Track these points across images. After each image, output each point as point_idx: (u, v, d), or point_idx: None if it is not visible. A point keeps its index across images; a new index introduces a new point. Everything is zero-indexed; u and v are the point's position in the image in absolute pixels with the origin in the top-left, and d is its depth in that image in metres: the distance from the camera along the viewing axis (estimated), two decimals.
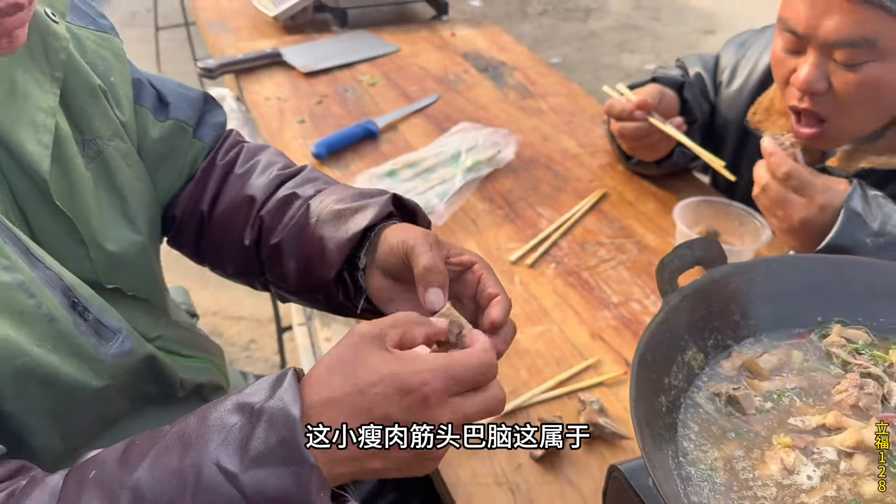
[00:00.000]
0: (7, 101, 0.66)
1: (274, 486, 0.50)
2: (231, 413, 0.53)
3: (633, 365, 0.63)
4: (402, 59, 1.79)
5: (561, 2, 5.11)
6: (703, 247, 0.75)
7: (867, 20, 0.93)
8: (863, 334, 0.75)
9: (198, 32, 3.61)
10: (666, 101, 1.24)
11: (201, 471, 0.50)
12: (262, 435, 0.51)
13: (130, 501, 0.51)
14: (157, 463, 0.52)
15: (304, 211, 0.81)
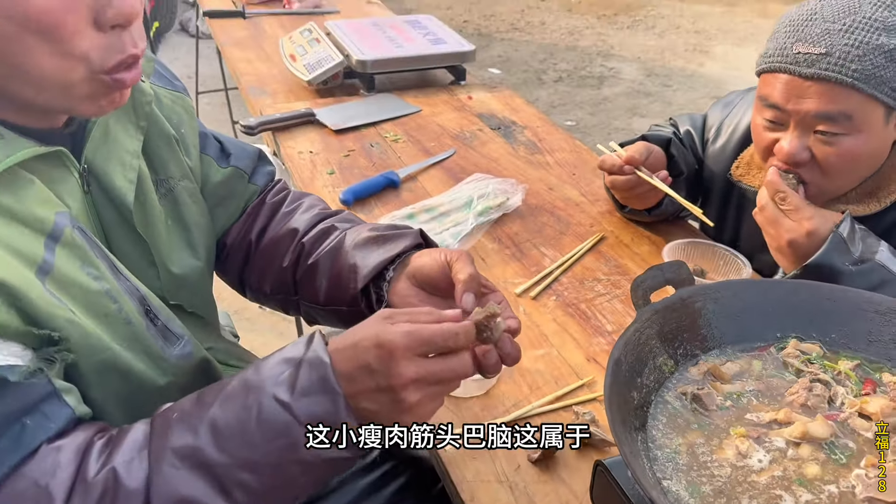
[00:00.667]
0: (102, 143, 0.82)
1: (317, 409, 0.67)
2: (279, 364, 0.70)
3: (608, 361, 0.75)
4: (422, 118, 1.97)
5: (576, 70, 5.36)
6: (673, 269, 0.88)
7: (842, 98, 1.06)
8: (816, 348, 0.87)
9: (235, 96, 3.87)
10: (654, 157, 1.38)
11: (262, 404, 0.67)
12: (305, 375, 0.68)
13: (208, 431, 0.67)
14: (226, 403, 0.68)
15: (341, 238, 0.99)
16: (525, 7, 6.91)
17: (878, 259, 1.05)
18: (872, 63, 1.05)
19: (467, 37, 5.88)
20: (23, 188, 0.70)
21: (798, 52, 1.09)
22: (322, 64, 2.03)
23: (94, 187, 0.82)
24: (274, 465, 0.68)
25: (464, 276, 0.83)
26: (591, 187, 1.65)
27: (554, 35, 6.15)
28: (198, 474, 0.66)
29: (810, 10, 1.12)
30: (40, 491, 0.63)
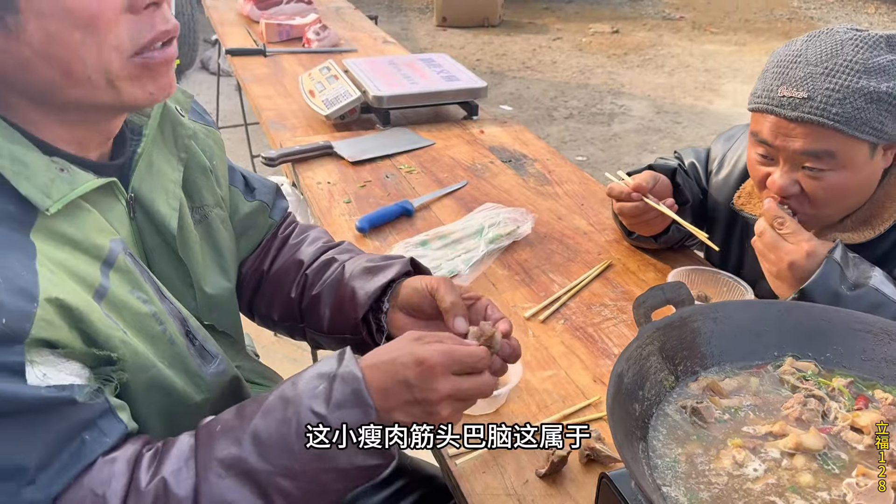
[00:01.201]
0: (147, 173, 0.89)
1: (350, 420, 0.73)
2: (314, 378, 0.76)
3: (612, 374, 0.79)
4: (436, 151, 2.04)
5: (586, 107, 5.46)
6: (674, 290, 0.92)
7: (825, 139, 1.12)
8: (811, 366, 0.91)
9: (254, 131, 3.98)
10: (660, 185, 1.44)
11: (300, 416, 0.73)
12: (339, 388, 0.74)
13: (251, 442, 0.72)
14: (267, 416, 0.74)
15: (341, 270, 1.07)
16: (537, 46, 7.07)
17: (873, 284, 1.09)
18: (853, 106, 1.10)
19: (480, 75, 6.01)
20: (82, 218, 0.77)
21: (783, 96, 1.15)
22: (340, 99, 2.12)
23: (140, 214, 0.89)
24: (311, 473, 0.74)
25: (446, 304, 0.91)
26: (598, 217, 1.71)
27: (565, 73, 6.27)
28: (242, 482, 0.72)
29: (796, 51, 1.18)
30: (98, 499, 0.68)
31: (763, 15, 8.35)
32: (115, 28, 0.72)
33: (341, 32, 3.17)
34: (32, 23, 0.68)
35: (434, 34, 7.46)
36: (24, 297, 0.66)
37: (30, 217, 0.72)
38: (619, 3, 8.89)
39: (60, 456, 0.68)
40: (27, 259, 0.69)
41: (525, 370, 1.20)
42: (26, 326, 0.65)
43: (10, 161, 0.71)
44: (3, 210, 0.70)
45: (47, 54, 0.70)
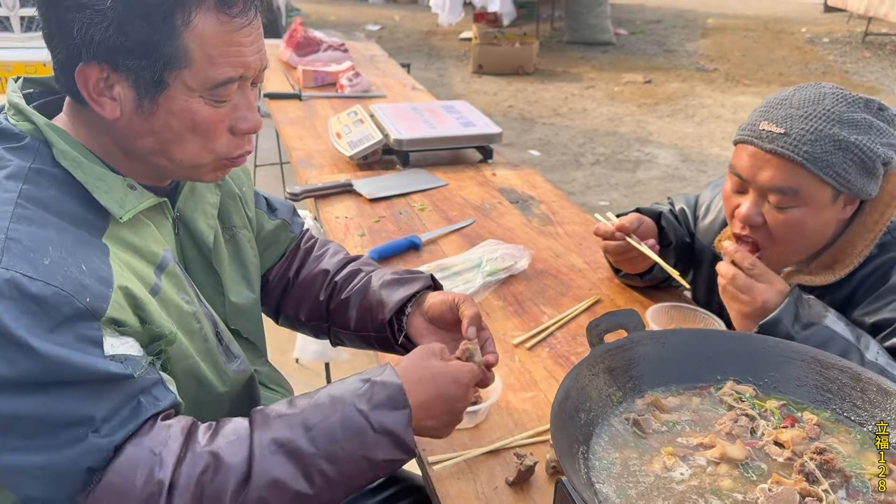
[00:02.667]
0: (190, 196, 1.08)
1: (387, 420, 0.89)
2: (358, 381, 0.93)
3: (560, 385, 0.91)
4: (448, 191, 2.19)
5: (613, 154, 5.59)
6: (626, 316, 1.03)
7: (793, 175, 1.23)
8: (750, 389, 1.01)
9: (288, 169, 4.20)
10: (644, 227, 1.55)
11: (346, 410, 0.89)
12: (380, 392, 0.90)
13: (301, 428, 0.87)
14: (316, 408, 0.90)
15: (368, 279, 1.26)
16: (569, 94, 7.26)
17: (825, 323, 1.18)
18: (822, 148, 1.21)
19: (511, 121, 6.25)
20: (142, 229, 0.95)
21: (763, 129, 1.27)
22: (363, 142, 2.29)
23: (183, 230, 1.07)
24: (349, 459, 0.88)
25: (469, 314, 1.10)
26: (594, 257, 1.82)
27: (595, 121, 6.43)
28: (290, 461, 0.86)
29: (785, 96, 1.31)
30: (154, 457, 0.82)
31: (797, 68, 8.42)
32: (216, 140, 0.94)
33: (373, 79, 3.38)
34: (162, 114, 0.89)
35: (469, 81, 7.72)
36: (102, 283, 0.83)
37: (103, 224, 0.89)
38: (654, 53, 9.06)
39: (121, 412, 0.82)
40: (103, 255, 0.86)
41: (507, 391, 1.31)
42: (104, 306, 0.81)
43: (94, 178, 0.89)
44: (83, 217, 0.88)
45: (161, 136, 0.91)
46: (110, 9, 0.82)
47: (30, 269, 0.78)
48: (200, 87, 0.89)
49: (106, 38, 0.83)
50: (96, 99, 0.88)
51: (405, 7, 12.23)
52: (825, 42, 9.78)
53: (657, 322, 1.44)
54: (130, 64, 0.85)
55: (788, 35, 10.24)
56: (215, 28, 0.87)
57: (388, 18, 11.08)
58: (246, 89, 0.95)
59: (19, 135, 0.89)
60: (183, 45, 0.86)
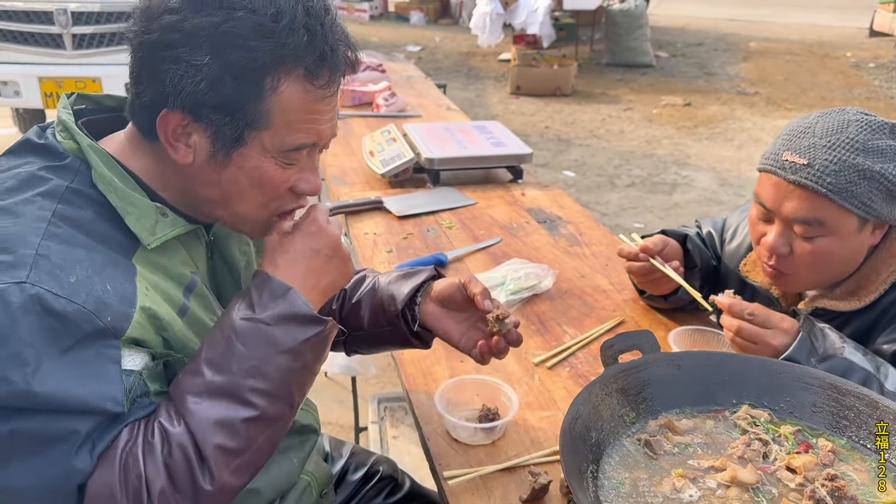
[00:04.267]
0: None
1: (278, 309, 0.92)
2: (234, 301, 0.95)
3: (571, 404, 0.92)
4: (477, 210, 2.21)
5: (649, 176, 5.56)
6: (641, 337, 1.04)
7: (817, 205, 1.22)
8: (765, 414, 1.00)
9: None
10: (669, 249, 1.55)
11: (235, 328, 0.91)
12: (255, 293, 0.94)
13: (207, 367, 0.89)
14: (210, 343, 0.91)
15: (375, 281, 1.31)
16: (606, 116, 7.25)
17: (844, 354, 1.16)
18: (846, 179, 1.20)
19: (547, 141, 6.26)
20: (174, 253, 0.98)
21: (786, 160, 1.26)
22: (395, 160, 2.33)
23: (216, 255, 1.10)
24: (270, 362, 0.89)
25: (478, 289, 1.16)
26: (620, 278, 1.82)
27: (632, 143, 6.40)
28: (216, 398, 0.87)
29: (808, 124, 1.29)
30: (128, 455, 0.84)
31: (841, 93, 8.27)
32: (277, 199, 0.99)
33: (409, 99, 3.44)
34: (232, 169, 0.94)
35: (506, 102, 7.77)
36: (125, 303, 0.86)
37: (133, 245, 0.93)
38: (694, 76, 9.00)
39: (103, 424, 0.84)
40: (129, 276, 0.89)
41: (525, 409, 1.32)
42: (124, 326, 0.85)
43: (126, 202, 0.93)
44: (114, 238, 0.91)
45: (225, 188, 0.96)
46: (206, 66, 0.86)
47: (55, 286, 0.81)
48: (275, 149, 0.93)
49: (196, 91, 0.87)
50: (173, 143, 0.92)
51: (446, 28, 12.38)
52: (870, 67, 9.59)
53: (679, 345, 1.44)
54: (214, 118, 0.90)
55: (832, 59, 10.07)
56: (300, 96, 0.92)
57: (428, 39, 11.23)
58: (314, 154, 1.00)
59: (63, 153, 0.93)
60: (267, 108, 0.90)
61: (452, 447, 1.23)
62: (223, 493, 0.87)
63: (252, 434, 0.88)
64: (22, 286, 0.79)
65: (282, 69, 0.89)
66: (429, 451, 1.23)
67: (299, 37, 0.89)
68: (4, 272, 0.80)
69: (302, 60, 0.90)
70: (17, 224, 0.85)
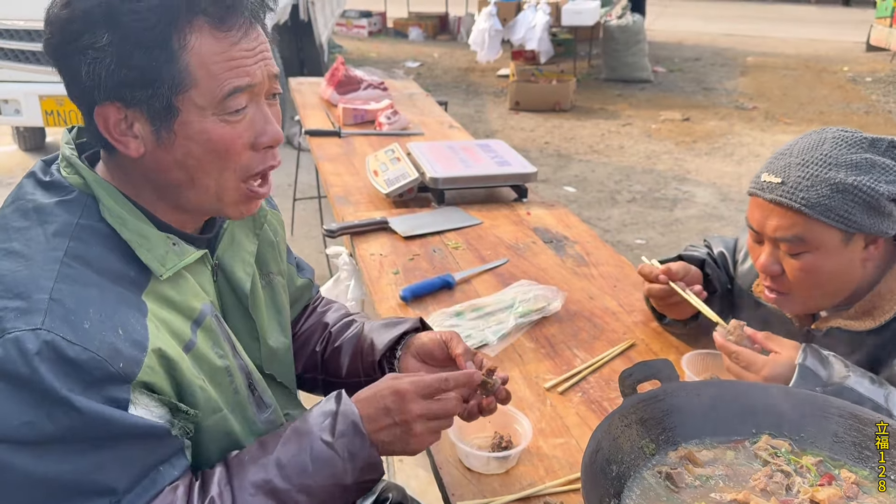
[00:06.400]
0: (229, 245, 1.11)
1: (351, 446, 0.93)
2: (319, 415, 0.95)
3: (591, 437, 0.90)
4: (483, 230, 2.20)
5: (650, 192, 5.56)
6: (660, 366, 1.03)
7: (795, 222, 1.23)
8: (786, 444, 0.99)
9: (327, 204, 4.27)
10: (691, 276, 1.54)
11: (313, 445, 0.92)
12: (342, 421, 0.93)
13: (275, 467, 0.91)
14: (286, 446, 0.93)
15: (360, 327, 1.30)
16: (606, 131, 7.26)
17: (847, 384, 1.15)
18: (818, 193, 1.21)
19: (547, 157, 6.27)
20: (182, 284, 0.97)
21: (764, 180, 1.29)
22: (399, 179, 2.32)
23: (221, 278, 1.09)
24: (322, 488, 0.92)
25: (460, 350, 1.14)
26: (629, 299, 1.81)
27: (632, 158, 6.41)
28: (269, 499, 0.91)
29: (788, 146, 1.32)
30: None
31: (839, 108, 8.31)
32: (238, 158, 0.95)
33: (411, 117, 3.44)
34: (181, 141, 0.91)
35: (506, 117, 7.78)
36: (137, 348, 0.85)
37: (144, 280, 0.92)
38: (692, 91, 9.04)
39: (142, 483, 0.85)
40: (141, 317, 0.88)
41: (538, 436, 1.30)
42: (136, 370, 0.84)
43: (137, 236, 0.92)
44: (125, 274, 0.90)
45: (183, 164, 0.93)
46: (108, 44, 0.85)
47: (70, 332, 0.81)
48: (210, 104, 0.90)
49: (110, 73, 0.86)
50: (119, 139, 0.91)
51: (444, 44, 12.44)
52: (867, 81, 9.64)
53: (693, 369, 1.42)
54: (139, 95, 0.88)
55: (830, 74, 10.12)
56: (213, 45, 0.89)
57: (427, 55, 11.28)
58: (260, 102, 0.96)
59: (68, 188, 0.93)
60: (184, 67, 0.88)
61: (465, 476, 1.21)
62: None
63: None
64: (37, 332, 0.79)
65: (182, 23, 0.87)
66: (441, 480, 1.21)
67: None
68: (20, 318, 0.80)
69: (197, 7, 0.87)
70: (30, 268, 0.85)
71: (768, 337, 1.25)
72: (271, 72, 0.96)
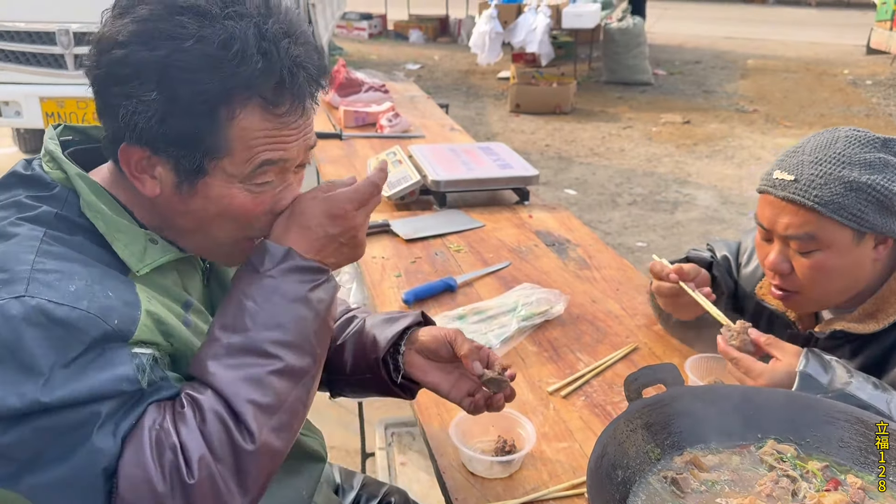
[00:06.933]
0: None
1: (281, 264, 0.91)
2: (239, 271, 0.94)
3: (596, 442, 0.90)
4: (485, 232, 2.20)
5: (651, 194, 5.56)
6: (665, 371, 1.02)
7: (807, 220, 1.23)
8: (791, 449, 0.98)
9: None
10: (701, 277, 1.53)
11: (245, 290, 0.90)
12: (258, 257, 0.92)
13: (224, 331, 0.88)
14: (223, 311, 0.91)
15: (362, 323, 1.26)
16: (606, 134, 7.26)
17: (849, 390, 1.14)
18: (831, 191, 1.22)
19: (547, 160, 6.27)
20: (167, 275, 0.96)
21: (776, 178, 1.29)
22: (401, 182, 2.32)
23: (213, 282, 1.08)
24: (280, 314, 0.88)
25: (464, 350, 1.11)
26: (632, 303, 1.80)
27: (632, 161, 6.41)
28: (238, 357, 0.85)
29: (800, 144, 1.32)
30: (159, 430, 0.81)
31: (840, 110, 8.31)
32: (255, 223, 0.95)
33: (412, 119, 3.43)
34: (199, 199, 0.91)
35: (506, 120, 7.78)
36: (130, 307, 0.84)
37: (127, 270, 0.90)
38: (693, 94, 9.04)
39: (125, 405, 0.81)
40: (129, 286, 0.87)
41: (541, 440, 1.30)
42: (132, 329, 0.82)
43: (114, 230, 0.91)
44: (108, 261, 0.89)
45: (196, 217, 0.93)
46: (155, 101, 0.84)
47: (55, 295, 0.78)
48: (239, 174, 0.90)
49: (149, 126, 0.85)
50: (137, 176, 0.90)
51: (444, 47, 12.45)
52: (868, 84, 9.65)
53: (696, 373, 1.42)
54: (172, 151, 0.87)
55: (830, 77, 10.13)
56: (259, 124, 0.88)
57: (427, 58, 11.28)
58: (287, 173, 0.95)
59: (50, 184, 0.91)
60: (225, 137, 0.87)
61: (469, 480, 1.21)
62: (265, 456, 0.84)
63: (281, 388, 0.86)
64: (21, 300, 0.77)
65: (236, 99, 0.86)
66: (444, 485, 1.21)
67: (252, 64, 0.85)
68: (1, 289, 0.78)
69: (256, 89, 0.86)
70: (9, 245, 0.83)
71: (770, 342, 1.25)
72: (308, 145, 0.96)
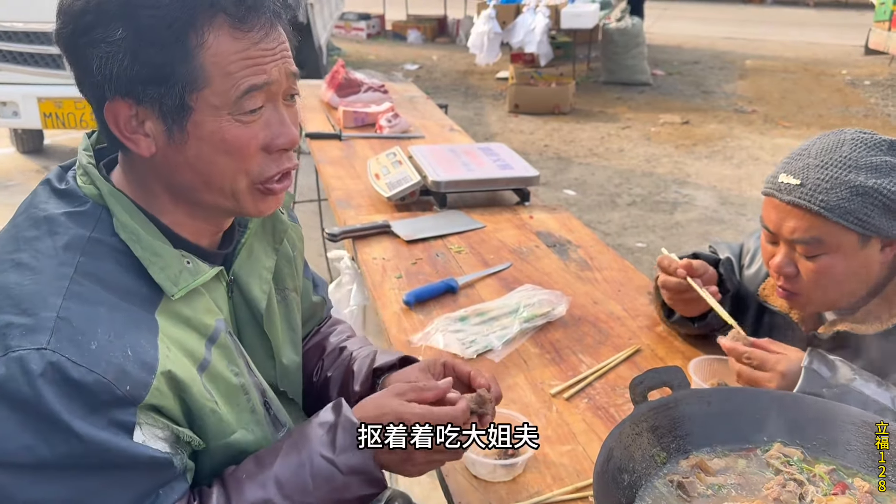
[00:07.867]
0: (246, 260, 1.08)
1: (353, 461, 0.90)
2: (318, 427, 0.93)
3: (602, 446, 0.89)
4: (486, 233, 2.19)
5: (650, 195, 5.56)
6: (670, 373, 1.02)
7: (814, 224, 1.22)
8: (797, 452, 0.98)
9: (327, 207, 4.25)
10: (709, 275, 1.53)
11: (313, 460, 0.89)
12: (342, 435, 0.89)
13: (274, 485, 0.88)
14: (283, 461, 0.90)
15: (349, 360, 1.26)
16: (605, 134, 7.26)
17: (854, 386, 1.13)
18: (838, 195, 1.21)
19: (546, 160, 6.26)
20: (197, 301, 0.94)
21: (781, 182, 1.28)
22: (401, 183, 2.31)
23: (237, 294, 1.07)
24: (323, 502, 0.90)
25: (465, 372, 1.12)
26: (633, 304, 1.80)
27: (631, 161, 6.41)
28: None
29: (805, 147, 1.31)
30: None
31: (838, 111, 8.31)
32: (251, 160, 0.92)
33: (412, 120, 3.43)
34: (193, 141, 0.89)
35: (505, 120, 7.78)
36: (145, 370, 0.83)
37: (157, 298, 0.90)
38: (692, 94, 9.04)
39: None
40: (151, 336, 0.86)
41: (544, 443, 1.29)
42: (143, 393, 0.82)
43: (151, 253, 0.90)
44: (137, 291, 0.88)
45: (196, 165, 0.90)
46: (122, 39, 0.83)
47: (76, 353, 0.79)
48: (225, 104, 0.87)
49: (123, 69, 0.84)
50: (129, 136, 0.88)
51: (443, 47, 12.44)
52: (866, 84, 9.66)
53: (700, 375, 1.41)
54: (151, 92, 0.85)
55: (829, 77, 10.14)
56: (231, 44, 0.86)
57: (426, 58, 11.27)
58: (277, 103, 0.93)
59: (82, 198, 0.90)
60: (199, 65, 0.85)
61: (472, 484, 1.20)
62: None
63: None
64: (42, 353, 0.77)
65: (200, 20, 0.84)
66: (447, 488, 1.20)
67: None
68: (25, 336, 0.78)
69: (218, 6, 0.85)
70: (38, 282, 0.82)
71: (772, 344, 1.24)
72: (290, 70, 0.93)
